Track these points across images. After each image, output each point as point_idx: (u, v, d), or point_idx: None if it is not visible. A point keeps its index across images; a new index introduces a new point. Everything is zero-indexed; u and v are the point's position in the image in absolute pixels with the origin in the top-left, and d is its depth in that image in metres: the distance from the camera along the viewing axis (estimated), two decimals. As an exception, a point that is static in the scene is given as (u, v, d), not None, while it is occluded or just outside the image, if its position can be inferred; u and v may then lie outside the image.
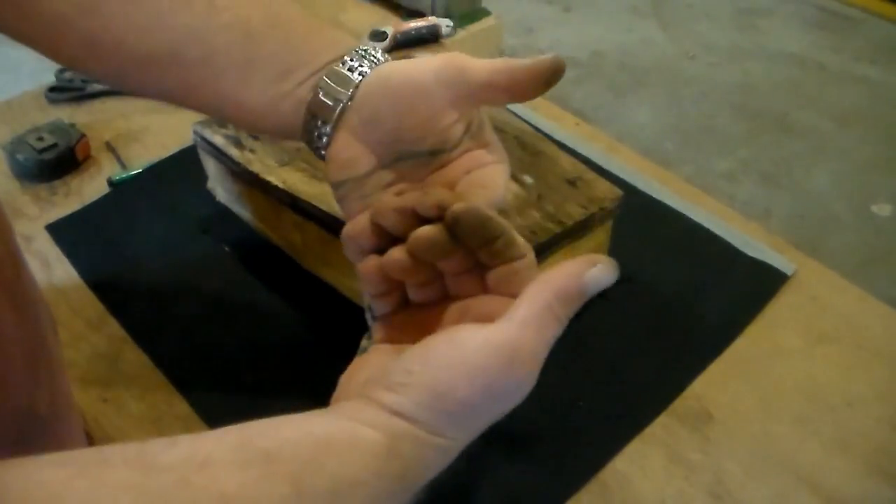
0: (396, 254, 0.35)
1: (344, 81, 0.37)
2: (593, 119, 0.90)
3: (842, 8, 1.26)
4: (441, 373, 0.30)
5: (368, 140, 0.37)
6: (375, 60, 0.38)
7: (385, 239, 0.36)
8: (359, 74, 0.37)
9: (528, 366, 0.31)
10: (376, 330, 0.39)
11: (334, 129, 0.37)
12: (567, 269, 0.32)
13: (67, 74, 0.84)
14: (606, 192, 0.57)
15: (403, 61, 0.37)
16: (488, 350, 0.30)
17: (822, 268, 0.67)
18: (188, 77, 0.38)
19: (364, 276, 0.37)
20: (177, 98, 0.40)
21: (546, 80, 0.35)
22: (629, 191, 0.65)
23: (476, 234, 0.33)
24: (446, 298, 0.37)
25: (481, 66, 0.35)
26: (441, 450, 0.31)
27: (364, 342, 0.39)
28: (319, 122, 0.38)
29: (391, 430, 0.30)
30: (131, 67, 0.39)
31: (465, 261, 0.35)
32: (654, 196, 0.72)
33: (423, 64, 0.36)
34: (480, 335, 0.31)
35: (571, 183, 0.57)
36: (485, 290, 0.35)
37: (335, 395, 0.35)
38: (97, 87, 0.83)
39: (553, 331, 0.32)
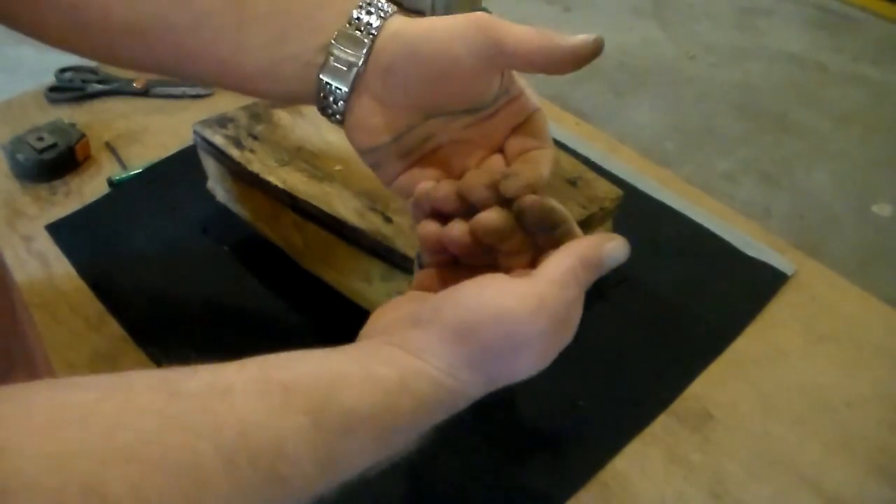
0: (457, 231, 0.36)
1: (355, 44, 0.35)
2: (593, 119, 0.90)
3: (842, 8, 1.26)
4: (469, 312, 0.32)
5: (396, 105, 0.36)
6: (383, 13, 0.36)
7: (465, 207, 0.36)
8: (369, 35, 0.35)
9: (551, 320, 0.32)
10: (418, 277, 0.39)
11: (352, 95, 0.36)
12: (589, 241, 0.35)
13: (67, 74, 0.84)
14: (606, 192, 0.57)
15: (426, 24, 0.35)
16: (516, 297, 0.32)
17: (822, 268, 0.67)
18: (181, 44, 0.37)
19: (422, 239, 0.38)
20: (172, 68, 0.39)
21: (585, 61, 0.34)
22: (629, 191, 0.65)
23: (540, 223, 0.35)
24: (494, 268, 0.37)
25: (516, 38, 0.34)
26: (451, 392, 0.32)
27: (403, 287, 0.40)
28: (334, 88, 0.36)
29: (404, 369, 0.31)
30: (120, 40, 0.38)
31: (522, 243, 0.36)
32: (654, 196, 0.72)
33: (451, 31, 0.34)
34: (511, 283, 0.32)
35: (571, 183, 0.57)
36: (533, 267, 0.36)
37: (362, 330, 0.36)
38: (97, 87, 0.83)
39: (574, 292, 0.33)
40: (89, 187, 0.73)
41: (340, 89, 0.36)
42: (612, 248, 0.35)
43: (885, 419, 0.56)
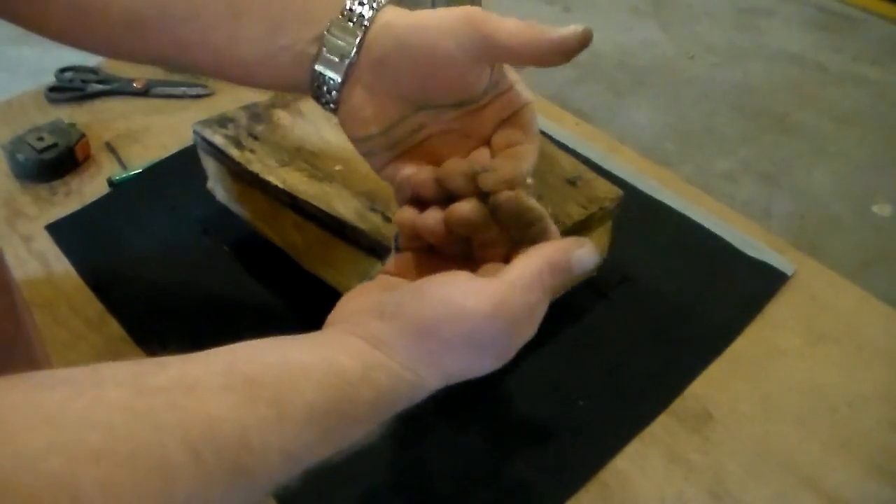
0: (432, 220, 0.37)
1: (348, 35, 0.36)
2: (593, 119, 0.90)
3: (842, 8, 1.26)
4: (430, 310, 0.33)
5: (387, 96, 0.37)
6: (376, 3, 0.36)
7: (443, 194, 0.37)
8: (361, 27, 0.36)
9: (510, 322, 0.33)
10: (392, 261, 0.40)
11: (345, 85, 0.37)
12: (558, 245, 0.35)
13: (67, 74, 0.84)
14: (606, 192, 0.57)
15: (417, 17, 0.36)
16: (478, 297, 0.33)
17: (822, 268, 0.67)
18: (178, 36, 0.38)
19: (399, 224, 0.39)
20: (170, 59, 0.40)
21: (574, 53, 0.35)
22: (629, 191, 0.65)
23: (515, 219, 0.35)
24: (469, 258, 0.38)
25: (507, 32, 0.34)
26: (410, 385, 0.33)
27: (374, 270, 0.40)
28: (328, 78, 0.37)
29: (366, 361, 0.32)
30: (120, 32, 0.38)
31: (497, 236, 0.37)
32: (654, 196, 0.72)
33: (441, 25, 0.35)
34: (474, 283, 0.33)
35: (571, 183, 0.57)
36: (506, 261, 0.36)
37: (330, 316, 0.37)
38: (97, 87, 0.83)
39: (537, 296, 0.34)
40: (89, 187, 0.73)
41: (333, 80, 0.37)
42: (580, 254, 0.35)
43: (886, 419, 0.56)
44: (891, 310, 0.64)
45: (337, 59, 0.36)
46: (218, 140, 0.60)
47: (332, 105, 0.38)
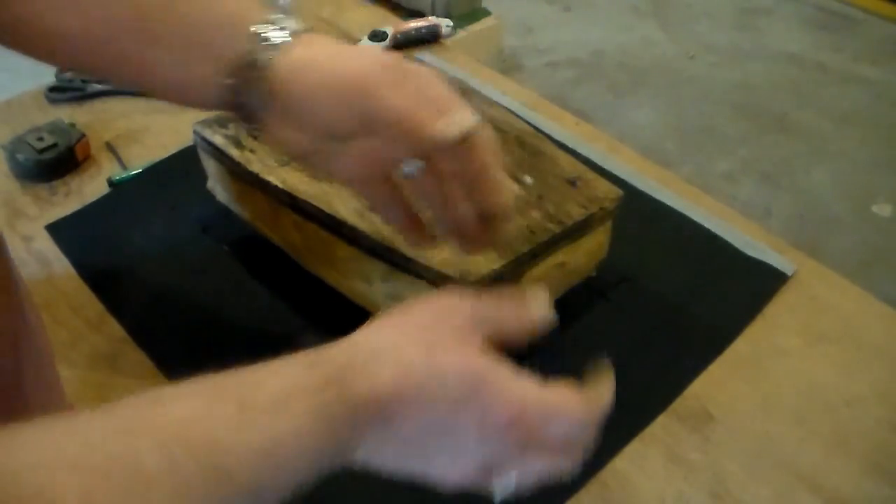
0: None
1: (255, 73, 0.38)
2: (593, 119, 0.90)
3: (842, 8, 1.26)
4: (411, 306, 0.36)
5: (297, 129, 0.39)
6: (284, 33, 0.38)
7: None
8: (267, 59, 0.38)
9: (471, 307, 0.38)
10: None
11: (262, 114, 0.39)
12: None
13: (67, 74, 0.84)
14: (606, 192, 0.57)
15: (316, 75, 0.38)
16: (454, 291, 0.38)
17: (822, 268, 0.67)
18: (104, 56, 0.40)
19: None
20: (112, 77, 0.44)
21: (452, 145, 0.37)
22: (629, 191, 0.65)
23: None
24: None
25: (392, 113, 0.37)
26: (369, 353, 0.34)
27: None
28: (245, 107, 0.39)
29: (324, 347, 0.33)
30: (58, 49, 0.40)
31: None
32: (654, 196, 0.72)
33: (335, 93, 0.37)
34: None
35: (571, 183, 0.57)
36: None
37: None
38: (97, 87, 0.83)
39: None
40: (89, 187, 0.73)
41: (251, 109, 0.39)
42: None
43: (885, 418, 0.56)
44: (891, 310, 0.64)
45: (249, 94, 0.38)
46: (218, 140, 0.60)
47: (255, 130, 0.41)
